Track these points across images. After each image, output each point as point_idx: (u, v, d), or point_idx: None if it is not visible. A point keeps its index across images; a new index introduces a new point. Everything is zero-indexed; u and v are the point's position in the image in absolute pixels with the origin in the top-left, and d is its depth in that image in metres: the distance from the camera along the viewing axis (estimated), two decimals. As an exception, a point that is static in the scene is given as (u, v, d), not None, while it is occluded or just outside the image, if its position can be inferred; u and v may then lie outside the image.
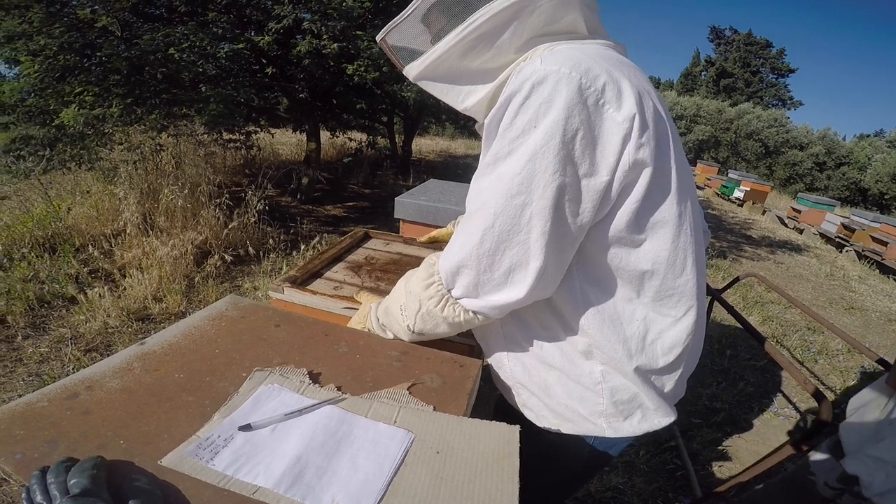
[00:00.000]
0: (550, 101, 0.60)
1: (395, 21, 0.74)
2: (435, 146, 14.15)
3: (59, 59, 3.56)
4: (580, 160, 0.62)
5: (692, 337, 0.79)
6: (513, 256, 0.68)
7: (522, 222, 0.65)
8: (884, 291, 5.75)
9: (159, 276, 3.04)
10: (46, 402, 0.63)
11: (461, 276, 0.73)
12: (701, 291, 0.79)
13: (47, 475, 0.48)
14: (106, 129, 3.95)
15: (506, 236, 0.66)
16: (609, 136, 0.62)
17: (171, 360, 0.76)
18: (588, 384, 0.81)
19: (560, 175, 0.61)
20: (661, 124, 0.66)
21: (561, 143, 0.60)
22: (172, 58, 3.77)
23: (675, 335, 0.78)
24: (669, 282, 0.74)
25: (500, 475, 0.60)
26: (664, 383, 0.83)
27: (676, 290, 0.75)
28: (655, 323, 0.77)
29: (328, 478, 0.57)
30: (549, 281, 0.71)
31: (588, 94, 0.60)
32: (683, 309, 0.76)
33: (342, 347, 0.85)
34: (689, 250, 0.73)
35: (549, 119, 0.60)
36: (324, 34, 4.08)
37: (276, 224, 4.28)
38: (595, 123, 0.61)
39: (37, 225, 3.36)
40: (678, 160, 0.69)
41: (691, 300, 0.76)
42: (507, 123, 0.64)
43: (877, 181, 18.78)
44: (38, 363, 2.28)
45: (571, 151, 0.61)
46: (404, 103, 6.09)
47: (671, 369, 0.82)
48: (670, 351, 0.78)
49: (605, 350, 0.77)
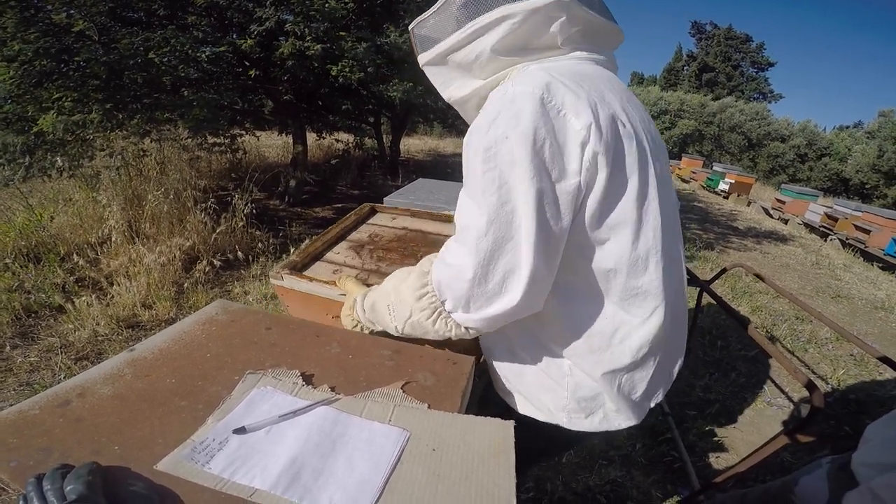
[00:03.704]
0: (518, 115, 0.66)
1: (424, 14, 0.83)
2: (423, 146, 14.14)
3: (35, 64, 3.49)
4: (551, 166, 0.66)
5: (662, 337, 0.81)
6: (506, 264, 0.70)
7: (513, 229, 0.68)
8: (868, 279, 5.86)
9: (147, 283, 3.00)
10: (38, 409, 0.63)
11: (453, 289, 0.74)
12: (671, 291, 0.80)
13: (43, 482, 0.48)
14: (87, 136, 3.88)
15: (500, 243, 0.69)
16: (572, 143, 0.66)
17: (162, 365, 0.76)
18: (556, 377, 0.85)
19: (537, 180, 0.65)
20: (618, 130, 0.70)
21: (532, 151, 0.64)
22: (152, 62, 3.72)
23: (643, 335, 0.79)
24: (633, 281, 0.76)
25: (497, 471, 0.60)
26: (634, 385, 0.84)
27: (640, 290, 0.77)
28: (624, 323, 0.79)
29: (325, 478, 0.57)
30: (541, 287, 0.73)
31: (549, 107, 0.66)
32: (650, 309, 0.78)
33: (334, 348, 0.85)
34: (654, 251, 0.75)
35: (518, 130, 0.65)
36: (307, 36, 4.05)
37: (264, 228, 4.25)
38: (559, 132, 0.66)
39: (19, 234, 3.30)
40: (641, 163, 0.72)
41: (657, 300, 0.78)
42: (483, 134, 0.68)
43: (857, 171, 19.15)
44: (28, 372, 2.25)
45: (542, 158, 0.65)
46: (391, 103, 6.07)
47: (639, 369, 0.83)
48: (638, 351, 0.80)
49: (571, 345, 0.81)
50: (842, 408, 2.66)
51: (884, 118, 19.82)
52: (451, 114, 8.46)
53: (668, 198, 0.80)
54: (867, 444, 1.08)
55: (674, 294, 0.82)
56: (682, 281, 0.90)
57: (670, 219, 0.81)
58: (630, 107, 0.77)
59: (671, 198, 0.84)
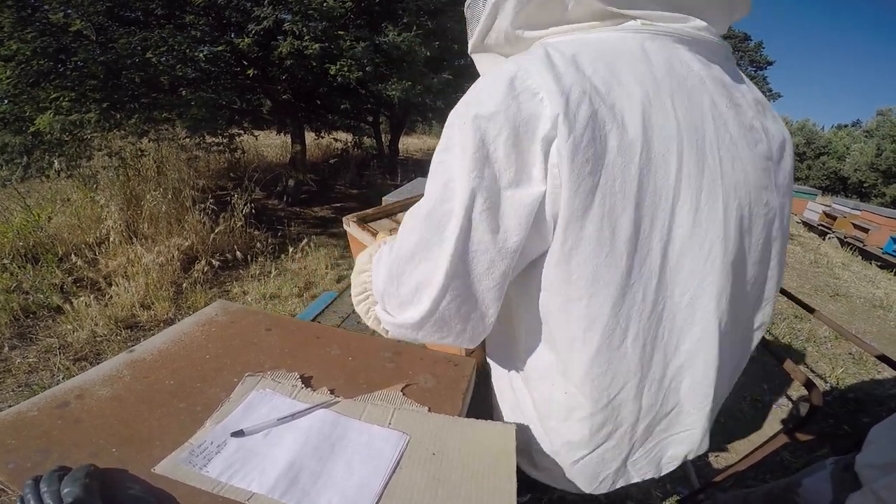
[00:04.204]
0: (479, 96, 0.53)
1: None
2: (422, 144, 14.12)
3: (32, 64, 3.48)
4: (504, 164, 0.51)
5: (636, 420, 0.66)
6: (424, 270, 0.58)
7: (445, 232, 0.55)
8: (867, 277, 5.87)
9: (146, 283, 2.99)
10: (36, 411, 0.63)
11: (375, 280, 0.67)
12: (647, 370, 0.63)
13: (40, 484, 0.47)
14: (84, 136, 3.88)
15: (425, 244, 0.57)
16: (535, 138, 0.50)
17: (160, 366, 0.75)
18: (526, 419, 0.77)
19: (477, 179, 0.51)
20: (604, 132, 0.51)
21: (480, 142, 0.50)
22: (150, 62, 3.72)
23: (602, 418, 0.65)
24: (602, 356, 0.60)
25: (498, 475, 0.60)
26: (603, 461, 0.70)
27: (609, 367, 0.61)
28: (579, 406, 0.65)
29: (323, 482, 0.57)
30: (460, 314, 0.59)
31: (520, 88, 0.51)
32: (616, 389, 0.62)
33: (334, 350, 0.85)
34: (636, 318, 0.58)
35: (473, 113, 0.51)
36: (305, 35, 4.04)
37: (263, 227, 4.24)
38: (523, 122, 0.50)
39: (17, 235, 3.29)
40: (650, 195, 0.53)
41: (628, 377, 0.62)
42: (452, 113, 0.55)
43: (855, 170, 19.15)
44: (27, 373, 2.24)
45: (492, 152, 0.51)
46: (389, 102, 6.07)
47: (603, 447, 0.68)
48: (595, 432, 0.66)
49: (529, 398, 0.73)
50: (841, 406, 2.66)
51: (882, 117, 19.82)
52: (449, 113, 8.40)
53: (733, 253, 0.59)
54: (871, 446, 1.06)
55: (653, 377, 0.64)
56: (733, 354, 0.70)
57: (734, 277, 0.60)
58: (677, 111, 0.54)
59: (747, 253, 0.62)
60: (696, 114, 0.56)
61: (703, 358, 0.63)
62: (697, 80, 0.58)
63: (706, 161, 0.55)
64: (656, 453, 0.71)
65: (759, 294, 0.69)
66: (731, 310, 0.62)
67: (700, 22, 0.59)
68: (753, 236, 0.62)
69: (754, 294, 0.68)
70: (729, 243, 0.58)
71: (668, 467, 0.73)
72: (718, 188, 0.56)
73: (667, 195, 0.54)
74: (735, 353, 0.71)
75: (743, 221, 0.60)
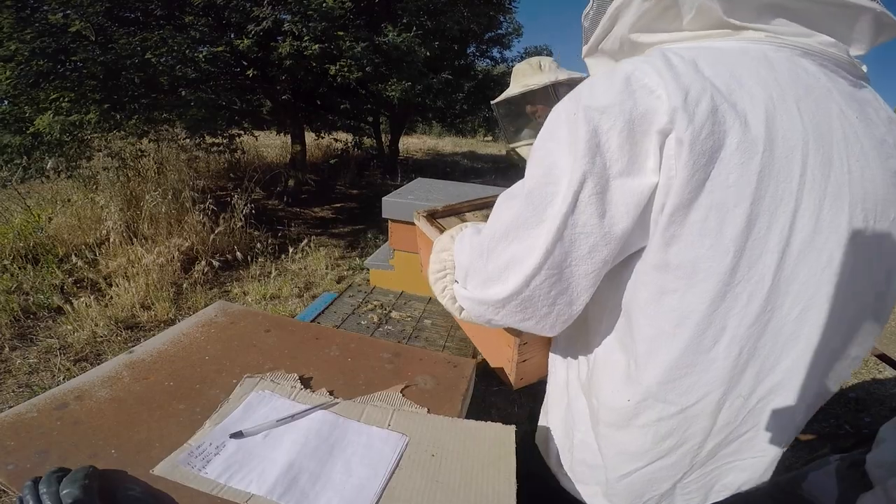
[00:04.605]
0: (593, 89, 0.54)
1: (586, 6, 0.75)
2: (422, 145, 14.11)
3: (31, 64, 3.48)
4: (617, 154, 0.51)
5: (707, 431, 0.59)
6: (518, 249, 0.58)
7: (546, 212, 0.55)
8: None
9: (146, 283, 2.99)
10: (36, 412, 0.63)
11: (461, 254, 0.67)
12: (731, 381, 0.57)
13: (40, 485, 0.48)
14: (84, 136, 3.88)
15: (523, 221, 0.57)
16: (650, 130, 0.50)
17: (160, 367, 0.75)
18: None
19: (589, 164, 0.51)
20: (723, 126, 0.49)
21: (593, 131, 0.51)
22: (150, 62, 3.71)
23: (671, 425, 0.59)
24: (688, 357, 0.56)
25: (497, 477, 0.60)
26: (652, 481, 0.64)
27: (693, 371, 0.56)
28: (652, 408, 0.60)
29: (322, 483, 0.57)
30: (547, 300, 0.58)
31: (636, 84, 0.51)
32: (694, 397, 0.58)
33: (333, 351, 0.85)
34: (735, 322, 0.53)
35: (585, 104, 0.53)
36: (305, 35, 4.04)
37: (263, 228, 4.24)
38: (638, 115, 0.50)
39: (17, 235, 3.29)
40: (769, 194, 0.50)
41: (709, 387, 0.57)
42: (561, 103, 0.57)
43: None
44: (27, 374, 2.25)
45: (604, 142, 0.51)
46: (389, 102, 6.07)
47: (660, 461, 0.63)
48: (661, 440, 0.61)
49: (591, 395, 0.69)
50: (842, 406, 2.66)
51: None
52: (449, 113, 8.45)
53: (840, 267, 0.53)
54: (882, 444, 1.05)
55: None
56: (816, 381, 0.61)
57: (838, 299, 0.54)
58: (803, 116, 0.51)
59: (861, 274, 0.56)
60: (823, 121, 0.53)
61: (801, 378, 0.57)
62: (824, 90, 0.55)
63: (832, 167, 0.52)
64: (711, 478, 0.64)
65: (867, 316, 0.60)
66: (839, 327, 0.56)
67: (826, 38, 0.57)
68: (872, 251, 0.56)
69: (862, 315, 0.60)
70: (849, 256, 0.53)
71: (716, 496, 0.65)
72: (845, 196, 0.52)
73: (788, 198, 0.51)
74: (825, 378, 0.63)
75: (867, 233, 0.55)
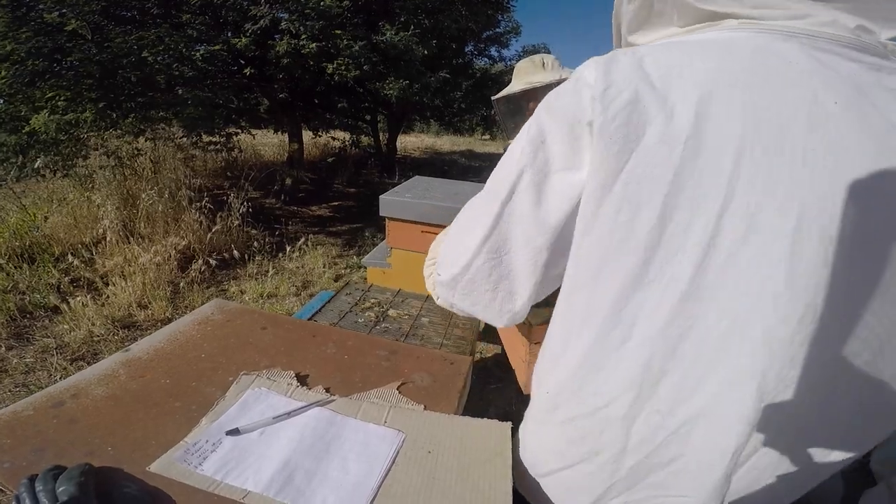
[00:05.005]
0: (553, 94, 0.54)
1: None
2: (420, 143, 14.11)
3: (27, 63, 3.46)
4: (557, 150, 0.51)
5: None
6: (470, 234, 0.60)
7: (491, 203, 0.57)
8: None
9: (143, 282, 2.99)
10: (32, 410, 0.63)
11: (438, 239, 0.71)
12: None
13: (36, 483, 0.48)
14: (80, 135, 3.86)
15: (482, 209, 0.59)
16: (581, 120, 0.49)
17: (156, 365, 0.75)
18: None
19: (531, 157, 0.52)
20: (648, 123, 0.46)
21: (539, 129, 0.52)
22: (146, 61, 3.70)
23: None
24: (582, 373, 0.55)
25: (493, 473, 0.60)
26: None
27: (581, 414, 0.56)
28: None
29: (318, 481, 0.57)
30: (482, 276, 0.59)
31: (580, 86, 0.50)
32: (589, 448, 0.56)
33: (330, 348, 0.85)
34: (647, 323, 0.50)
35: (542, 108, 0.53)
36: (302, 34, 4.04)
37: (260, 226, 4.24)
38: (575, 114, 0.49)
39: (13, 234, 3.28)
40: (683, 189, 0.46)
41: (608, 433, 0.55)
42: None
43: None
44: (23, 374, 2.24)
45: (547, 139, 0.51)
46: (387, 101, 6.06)
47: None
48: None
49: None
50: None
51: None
52: (447, 112, 8.45)
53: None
54: (885, 443, 1.08)
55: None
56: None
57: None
58: (745, 108, 0.45)
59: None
60: (782, 111, 0.46)
61: (732, 407, 0.49)
62: (797, 74, 0.47)
63: (783, 162, 0.45)
64: None
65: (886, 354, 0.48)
66: (820, 357, 0.47)
67: (824, 18, 0.49)
68: (875, 266, 0.45)
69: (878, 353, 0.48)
70: (811, 267, 0.44)
71: None
72: (796, 195, 0.44)
73: (715, 195, 0.45)
74: (830, 431, 0.56)
75: (852, 240, 0.44)
